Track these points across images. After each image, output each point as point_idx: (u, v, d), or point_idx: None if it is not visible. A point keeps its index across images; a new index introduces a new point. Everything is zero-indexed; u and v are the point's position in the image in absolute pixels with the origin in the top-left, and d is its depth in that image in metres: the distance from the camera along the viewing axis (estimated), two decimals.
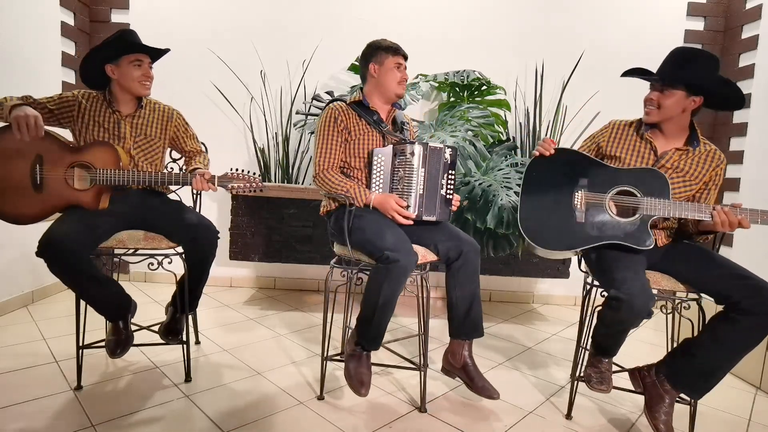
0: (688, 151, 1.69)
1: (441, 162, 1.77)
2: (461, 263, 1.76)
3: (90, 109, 1.84)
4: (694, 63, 1.60)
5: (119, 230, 1.81)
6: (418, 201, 1.76)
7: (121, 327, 1.79)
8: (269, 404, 1.75)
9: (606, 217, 1.65)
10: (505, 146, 2.86)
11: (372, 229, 1.70)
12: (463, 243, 1.77)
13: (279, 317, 2.76)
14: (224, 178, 1.80)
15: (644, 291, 1.46)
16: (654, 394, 1.61)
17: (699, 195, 1.73)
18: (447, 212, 1.83)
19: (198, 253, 1.84)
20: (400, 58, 1.90)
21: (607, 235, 1.64)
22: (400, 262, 1.58)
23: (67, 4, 2.93)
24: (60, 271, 1.62)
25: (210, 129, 3.14)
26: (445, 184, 1.79)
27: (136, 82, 1.83)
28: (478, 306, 1.81)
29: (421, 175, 1.75)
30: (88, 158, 1.76)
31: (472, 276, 1.78)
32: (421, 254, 1.74)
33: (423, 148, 1.74)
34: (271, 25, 3.18)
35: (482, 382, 1.77)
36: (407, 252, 1.62)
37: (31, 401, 1.67)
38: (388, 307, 1.65)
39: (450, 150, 1.79)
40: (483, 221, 2.43)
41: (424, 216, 1.77)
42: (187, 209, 1.93)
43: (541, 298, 3.38)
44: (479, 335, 1.83)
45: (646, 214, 1.60)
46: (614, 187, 1.66)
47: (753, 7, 2.99)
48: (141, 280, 3.33)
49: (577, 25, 3.21)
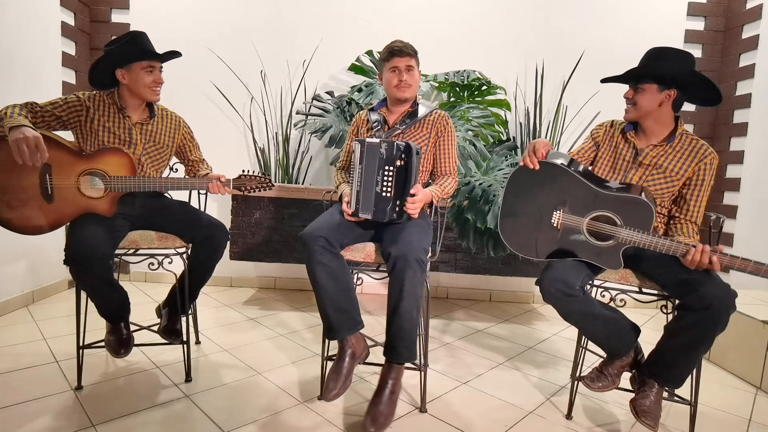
0: (665, 147, 1.68)
1: (376, 158, 1.67)
2: (390, 268, 1.61)
3: (98, 113, 1.81)
4: (664, 58, 1.63)
5: (129, 231, 1.83)
6: (355, 197, 1.73)
7: (122, 327, 1.81)
8: (269, 404, 1.75)
9: (581, 237, 1.62)
10: (506, 146, 2.86)
11: (319, 216, 1.79)
12: (398, 247, 1.60)
13: (279, 317, 2.75)
14: (238, 180, 1.91)
15: (548, 276, 1.56)
16: (639, 385, 1.65)
17: (685, 192, 1.68)
18: (384, 211, 1.69)
19: (209, 252, 1.87)
20: (395, 60, 1.89)
21: (578, 252, 1.62)
22: (303, 241, 1.63)
23: (68, 4, 2.93)
24: (85, 277, 1.64)
25: (210, 129, 3.16)
26: (380, 180, 1.68)
27: (148, 89, 1.82)
28: (401, 323, 1.59)
29: (359, 171, 1.71)
30: (100, 165, 1.74)
31: (399, 287, 1.57)
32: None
33: (360, 145, 1.71)
34: (271, 25, 3.18)
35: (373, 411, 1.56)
36: (312, 233, 1.63)
37: (32, 401, 1.67)
38: (318, 289, 1.63)
39: (386, 145, 1.66)
40: (483, 221, 2.43)
41: (360, 213, 1.71)
42: (197, 210, 1.97)
43: (541, 298, 3.37)
44: (397, 359, 1.62)
45: (620, 242, 1.56)
46: (595, 210, 1.60)
47: (753, 6, 2.99)
48: (141, 280, 3.33)
49: (577, 25, 3.21)
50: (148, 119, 1.90)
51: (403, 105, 1.98)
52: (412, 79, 1.91)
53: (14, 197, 1.66)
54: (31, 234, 1.72)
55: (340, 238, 1.69)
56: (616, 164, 1.76)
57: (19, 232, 1.70)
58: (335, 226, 1.71)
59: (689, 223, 1.68)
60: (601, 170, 1.79)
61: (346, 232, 1.73)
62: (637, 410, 1.55)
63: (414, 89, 1.94)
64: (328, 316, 1.64)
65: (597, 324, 1.61)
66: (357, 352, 1.68)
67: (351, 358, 1.65)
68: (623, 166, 1.74)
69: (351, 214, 1.73)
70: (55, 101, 1.77)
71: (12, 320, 2.46)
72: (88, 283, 1.66)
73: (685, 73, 1.61)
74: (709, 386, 2.07)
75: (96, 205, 1.74)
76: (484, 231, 2.56)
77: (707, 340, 1.49)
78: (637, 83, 1.65)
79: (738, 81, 3.07)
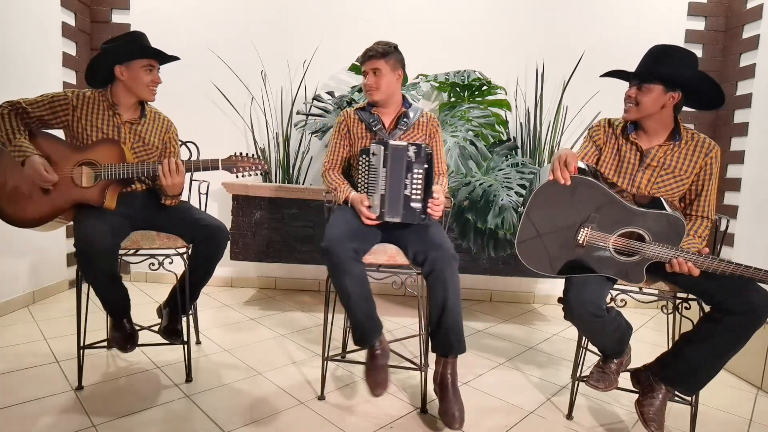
0: (671, 146, 1.66)
1: (404, 161, 1.68)
2: (429, 269, 1.66)
3: (87, 111, 1.82)
4: (670, 58, 1.58)
5: (130, 231, 1.83)
6: (381, 201, 1.72)
7: (126, 323, 1.82)
8: (270, 404, 1.75)
9: (606, 254, 1.58)
10: (506, 146, 2.86)
11: (333, 221, 1.76)
12: (433, 249, 1.66)
13: (279, 317, 2.76)
14: (228, 161, 1.80)
15: (579, 296, 1.52)
16: (645, 388, 1.63)
17: (693, 187, 1.68)
18: (414, 213, 1.71)
19: (209, 252, 1.86)
20: (364, 65, 1.90)
21: (601, 269, 1.58)
22: (331, 252, 1.60)
23: (68, 4, 2.93)
24: (93, 272, 1.65)
25: (210, 129, 3.16)
26: (409, 184, 1.70)
27: (145, 87, 1.82)
28: (451, 319, 1.66)
29: (383, 175, 1.71)
30: (93, 156, 1.77)
31: (443, 285, 1.64)
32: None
33: (384, 148, 1.70)
34: (272, 25, 3.19)
35: (448, 406, 1.61)
36: (341, 242, 1.61)
37: (32, 401, 1.67)
38: (348, 301, 1.64)
39: (414, 147, 1.67)
40: (484, 221, 2.43)
41: (387, 217, 1.71)
42: (197, 209, 1.97)
43: (541, 298, 3.37)
44: (452, 353, 1.68)
45: (646, 258, 1.54)
46: (624, 227, 1.55)
47: (754, 6, 2.98)
48: (142, 280, 3.34)
49: (577, 25, 3.20)
50: (139, 119, 1.90)
51: (392, 106, 1.98)
52: (379, 81, 1.88)
53: (14, 190, 1.74)
54: (28, 227, 1.76)
55: (364, 245, 1.71)
56: (621, 167, 1.71)
57: (15, 224, 1.76)
58: (358, 233, 1.71)
59: (701, 218, 1.67)
60: (605, 174, 1.74)
61: (366, 237, 1.75)
62: (645, 418, 1.54)
63: (383, 92, 1.91)
64: (362, 324, 1.68)
65: (609, 334, 1.61)
66: (386, 348, 1.75)
67: (383, 355, 1.72)
68: (629, 169, 1.70)
69: (376, 218, 1.73)
70: (39, 101, 1.77)
71: (13, 320, 2.46)
72: (95, 276, 1.67)
73: (692, 76, 1.58)
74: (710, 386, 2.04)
75: (85, 194, 1.76)
76: (485, 231, 2.56)
77: (741, 345, 1.47)
78: (641, 82, 1.60)
79: (738, 81, 3.07)
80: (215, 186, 2.78)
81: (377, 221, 1.74)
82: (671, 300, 1.70)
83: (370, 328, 1.70)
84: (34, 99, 1.78)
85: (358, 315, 1.65)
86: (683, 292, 1.63)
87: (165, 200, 1.88)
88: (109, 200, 1.78)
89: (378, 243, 1.82)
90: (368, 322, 1.69)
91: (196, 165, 1.80)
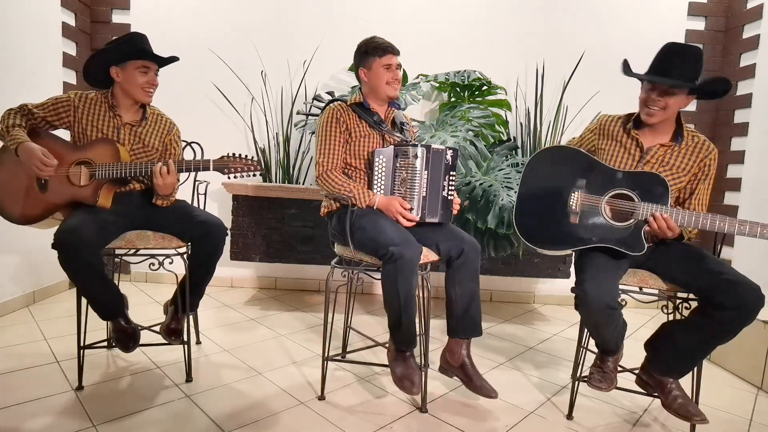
0: (673, 146, 1.69)
1: (443, 164, 1.78)
2: (462, 261, 1.78)
3: (88, 112, 1.83)
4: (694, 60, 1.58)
5: (126, 231, 1.82)
6: (421, 203, 1.76)
7: (124, 323, 1.80)
8: (270, 404, 1.75)
9: (600, 220, 1.65)
10: (506, 146, 2.86)
11: (373, 226, 1.71)
12: (465, 243, 1.78)
13: (280, 317, 2.76)
14: (220, 161, 1.79)
15: (598, 287, 1.51)
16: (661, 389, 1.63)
17: (689, 186, 1.72)
18: (449, 213, 1.84)
19: (208, 250, 1.85)
20: (390, 57, 1.87)
21: (600, 239, 1.64)
22: (405, 256, 1.58)
23: (68, 4, 2.93)
24: (72, 264, 1.63)
25: (211, 129, 3.16)
26: (446, 185, 1.80)
27: (140, 89, 1.82)
28: (477, 305, 1.82)
29: (425, 177, 1.75)
30: (89, 155, 1.79)
31: (473, 275, 1.80)
32: (425, 254, 1.75)
33: (426, 151, 1.73)
34: (272, 25, 3.19)
35: (480, 381, 1.77)
36: (411, 244, 1.63)
37: (33, 401, 1.67)
38: (410, 305, 1.66)
39: (451, 151, 1.80)
40: (484, 221, 2.43)
41: (427, 218, 1.78)
42: (194, 207, 1.97)
43: (541, 298, 3.37)
44: (478, 334, 1.84)
45: (641, 220, 1.59)
46: (612, 189, 1.65)
47: (754, 6, 2.98)
48: (142, 281, 3.34)
49: (577, 25, 3.21)
50: (140, 121, 1.90)
51: (385, 103, 1.98)
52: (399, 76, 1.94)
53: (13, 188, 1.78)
54: (24, 223, 1.79)
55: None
56: (620, 159, 1.73)
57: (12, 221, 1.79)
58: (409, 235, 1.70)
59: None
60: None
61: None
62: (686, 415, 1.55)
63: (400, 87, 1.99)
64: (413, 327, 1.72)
65: (614, 329, 1.61)
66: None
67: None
68: (629, 162, 1.72)
69: (418, 219, 1.76)
70: (44, 103, 1.82)
71: (13, 320, 2.46)
72: (74, 270, 1.65)
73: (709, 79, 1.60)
74: (710, 386, 2.07)
75: (79, 192, 1.77)
76: (485, 231, 2.56)
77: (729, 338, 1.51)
78: (674, 87, 1.57)
79: (739, 81, 3.07)
80: (216, 186, 2.79)
81: (414, 223, 1.77)
82: (671, 300, 1.70)
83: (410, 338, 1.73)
84: (41, 102, 1.83)
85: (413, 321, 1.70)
86: (683, 291, 1.64)
87: (156, 200, 1.86)
88: (102, 199, 1.78)
89: None
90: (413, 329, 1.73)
91: (188, 165, 1.79)
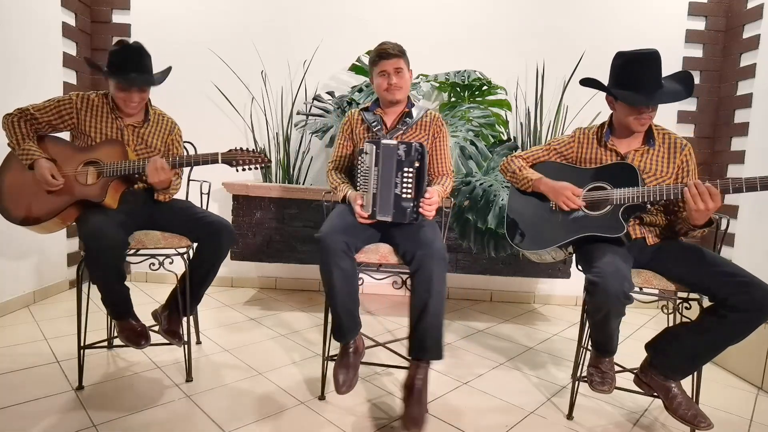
0: (647, 149, 1.72)
1: (394, 160, 1.68)
2: (414, 268, 1.62)
3: (90, 114, 1.85)
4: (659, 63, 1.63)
5: (135, 230, 1.83)
6: (372, 200, 1.73)
7: (132, 321, 1.81)
8: (270, 404, 1.76)
9: (579, 213, 1.72)
10: (506, 146, 2.85)
11: (330, 216, 1.79)
12: (423, 247, 1.63)
13: (280, 317, 2.76)
14: (228, 154, 1.83)
15: (617, 273, 1.47)
16: (663, 393, 1.63)
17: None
18: (405, 213, 1.70)
19: (213, 250, 1.87)
20: (383, 64, 1.87)
21: (581, 229, 1.69)
22: (323, 242, 1.60)
23: (69, 4, 2.93)
24: (102, 268, 1.65)
25: (211, 129, 3.16)
26: (399, 182, 1.69)
27: (120, 101, 1.84)
28: (432, 322, 1.59)
29: (374, 173, 1.71)
30: (97, 155, 1.81)
31: (427, 286, 1.58)
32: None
33: (375, 146, 1.71)
34: (272, 25, 3.19)
35: (410, 410, 1.55)
36: (333, 234, 1.62)
37: (33, 401, 1.68)
38: (332, 293, 1.63)
39: (404, 146, 1.67)
40: (484, 221, 2.43)
41: (378, 216, 1.72)
42: (202, 209, 1.99)
43: (541, 298, 3.37)
44: (427, 356, 1.62)
45: (616, 204, 1.64)
46: (586, 185, 1.73)
47: (754, 6, 2.98)
48: (142, 281, 3.34)
49: (577, 25, 3.20)
50: (142, 122, 1.93)
51: (398, 106, 1.98)
52: (402, 80, 1.90)
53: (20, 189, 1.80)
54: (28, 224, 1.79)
55: (356, 241, 1.71)
56: None
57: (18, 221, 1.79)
58: (351, 229, 1.71)
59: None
60: None
61: (359, 234, 1.75)
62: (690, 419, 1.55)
63: (405, 90, 1.93)
64: (341, 319, 1.67)
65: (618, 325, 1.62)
66: (360, 348, 1.79)
67: (355, 354, 1.74)
68: None
69: (368, 216, 1.73)
70: (46, 106, 1.83)
71: (13, 320, 2.46)
72: (104, 272, 1.67)
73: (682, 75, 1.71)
74: (711, 386, 2.07)
75: (86, 191, 1.79)
76: (485, 231, 2.56)
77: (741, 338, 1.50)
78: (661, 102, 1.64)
79: (739, 81, 3.07)
80: (216, 186, 2.78)
81: (370, 220, 1.75)
82: (671, 300, 1.70)
83: (347, 326, 1.69)
84: (42, 104, 1.83)
85: (338, 309, 1.65)
86: (686, 290, 1.63)
87: (157, 195, 1.93)
88: (110, 198, 1.79)
89: (376, 242, 1.82)
90: (347, 319, 1.68)
91: (196, 159, 1.83)
